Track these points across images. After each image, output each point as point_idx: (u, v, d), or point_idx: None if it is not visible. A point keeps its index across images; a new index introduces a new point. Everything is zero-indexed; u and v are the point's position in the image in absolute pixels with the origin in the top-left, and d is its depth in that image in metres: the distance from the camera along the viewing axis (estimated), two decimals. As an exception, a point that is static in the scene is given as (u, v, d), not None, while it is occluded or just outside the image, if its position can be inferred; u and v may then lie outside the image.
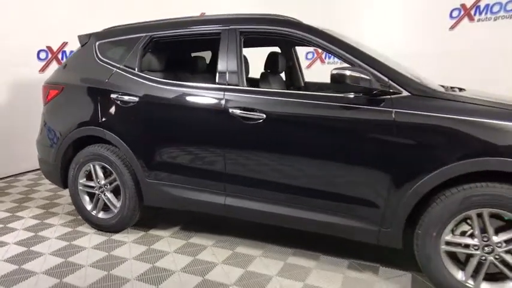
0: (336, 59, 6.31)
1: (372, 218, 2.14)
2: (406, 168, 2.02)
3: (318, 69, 6.42)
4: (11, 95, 4.45)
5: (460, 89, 2.62)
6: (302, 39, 2.34)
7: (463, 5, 5.17)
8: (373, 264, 2.46)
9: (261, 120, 2.30)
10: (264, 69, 3.22)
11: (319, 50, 6.35)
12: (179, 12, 4.68)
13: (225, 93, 2.43)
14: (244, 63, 2.61)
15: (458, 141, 1.91)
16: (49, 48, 4.76)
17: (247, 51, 3.50)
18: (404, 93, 2.05)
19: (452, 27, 5.32)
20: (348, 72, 2.00)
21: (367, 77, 2.00)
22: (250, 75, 3.36)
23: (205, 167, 2.52)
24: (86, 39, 3.08)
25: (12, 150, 4.42)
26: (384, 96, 2.06)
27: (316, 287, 2.21)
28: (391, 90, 2.06)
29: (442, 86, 2.73)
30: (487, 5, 4.99)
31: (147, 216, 3.10)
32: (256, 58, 3.47)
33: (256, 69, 3.33)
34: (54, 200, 3.71)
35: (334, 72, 2.01)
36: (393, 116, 2.02)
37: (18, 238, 2.86)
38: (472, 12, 5.12)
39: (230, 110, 2.37)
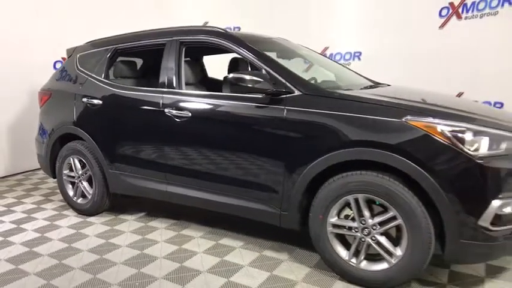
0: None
1: (274, 202, 2.44)
2: (295, 159, 2.30)
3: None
4: (31, 100, 5.19)
5: (388, 85, 2.90)
6: (224, 46, 2.69)
7: (451, 3, 5.16)
8: (292, 246, 2.72)
9: (187, 118, 2.68)
10: (228, 73, 3.58)
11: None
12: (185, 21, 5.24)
13: (163, 95, 2.84)
14: (188, 69, 3.02)
15: (332, 133, 2.16)
16: (64, 59, 5.47)
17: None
18: (296, 92, 2.33)
19: (441, 26, 5.31)
20: (245, 76, 2.32)
21: (260, 80, 2.31)
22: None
23: (151, 159, 2.95)
24: (71, 52, 3.66)
25: (32, 149, 5.15)
26: (282, 96, 2.36)
27: (229, 261, 2.54)
28: (284, 90, 2.35)
29: (372, 81, 3.01)
30: (473, 3, 4.95)
31: (127, 203, 3.61)
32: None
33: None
34: (56, 190, 4.32)
35: (230, 76, 2.34)
36: (284, 113, 2.31)
37: (14, 218, 3.48)
38: (460, 10, 5.09)
39: (166, 110, 2.78)
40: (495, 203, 1.88)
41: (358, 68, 6.14)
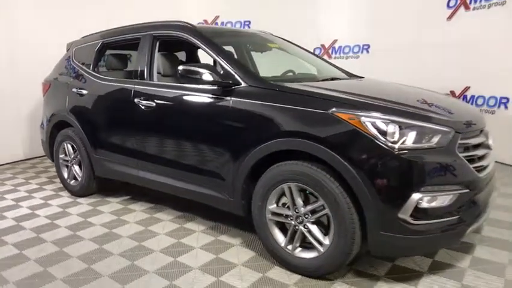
0: (342, 54, 6.44)
1: (223, 189, 2.55)
2: (237, 147, 2.40)
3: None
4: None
5: (360, 77, 3.09)
6: (187, 40, 2.82)
7: (459, -6, 4.94)
8: (249, 233, 2.82)
9: (152, 108, 2.86)
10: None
11: (326, 46, 6.54)
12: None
13: (135, 86, 3.03)
14: (165, 61, 3.17)
15: (268, 124, 2.23)
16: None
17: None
18: (243, 84, 2.42)
19: (449, 18, 5.10)
20: (192, 68, 2.44)
21: (206, 71, 2.41)
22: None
23: (126, 145, 3.16)
24: (70, 46, 3.96)
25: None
26: (232, 88, 2.46)
27: (184, 243, 2.70)
28: (230, 82, 2.44)
29: (348, 74, 3.07)
30: (481, -8, 4.70)
31: (118, 186, 3.85)
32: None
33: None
34: (62, 173, 4.70)
35: (181, 69, 2.46)
36: (230, 103, 2.41)
37: (15, 196, 3.86)
38: (468, 0, 4.85)
39: (136, 100, 2.97)
40: (415, 196, 1.88)
41: (366, 60, 6.09)
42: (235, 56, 3.39)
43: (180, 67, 2.47)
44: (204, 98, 2.56)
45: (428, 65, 5.35)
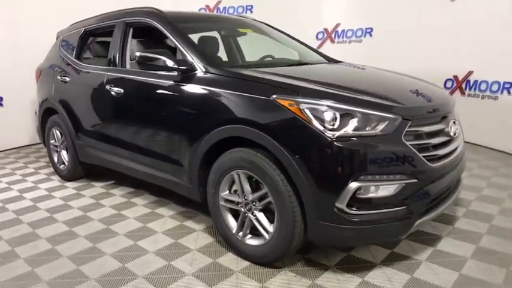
0: (345, 38, 6.26)
1: (183, 175, 2.57)
2: (192, 134, 2.40)
3: (327, 49, 6.41)
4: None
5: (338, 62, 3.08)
6: (154, 25, 2.81)
7: (463, -29, 4.64)
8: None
9: (121, 94, 2.89)
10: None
11: (329, 30, 6.36)
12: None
13: (107, 73, 3.08)
14: (141, 47, 3.19)
15: (216, 110, 2.22)
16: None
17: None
18: (199, 71, 2.41)
19: (453, -1, 4.82)
20: (149, 55, 2.44)
21: (162, 58, 2.40)
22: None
23: (102, 131, 3.23)
24: (59, 34, 4.05)
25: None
26: (188, 74, 2.45)
27: (149, 228, 2.76)
28: (185, 68, 2.43)
29: (328, 58, 3.01)
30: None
31: (105, 170, 3.93)
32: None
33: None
34: (61, 158, 4.88)
35: (138, 55, 2.46)
36: (186, 90, 2.41)
37: (10, 179, 4.05)
38: (472, -22, 4.57)
39: (107, 87, 3.02)
40: (353, 185, 1.82)
41: (369, 44, 5.88)
42: (220, 42, 3.38)
43: (137, 53, 2.47)
44: (164, 84, 2.57)
45: (432, 48, 5.11)
